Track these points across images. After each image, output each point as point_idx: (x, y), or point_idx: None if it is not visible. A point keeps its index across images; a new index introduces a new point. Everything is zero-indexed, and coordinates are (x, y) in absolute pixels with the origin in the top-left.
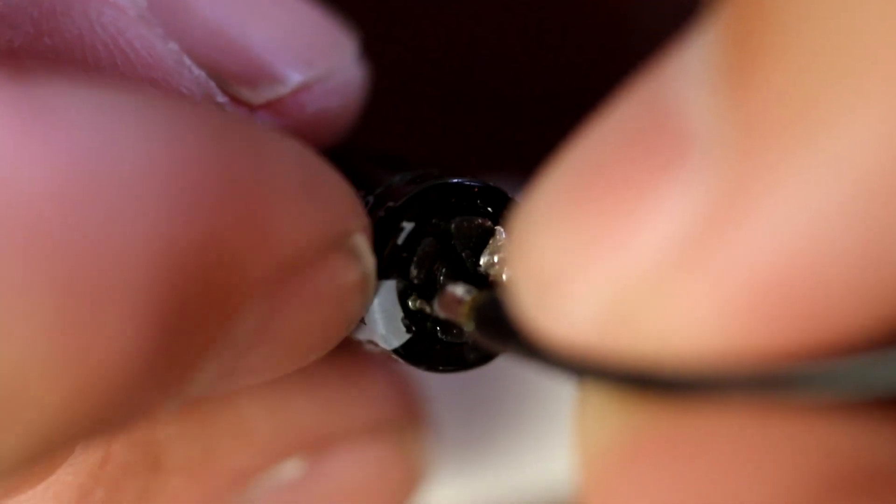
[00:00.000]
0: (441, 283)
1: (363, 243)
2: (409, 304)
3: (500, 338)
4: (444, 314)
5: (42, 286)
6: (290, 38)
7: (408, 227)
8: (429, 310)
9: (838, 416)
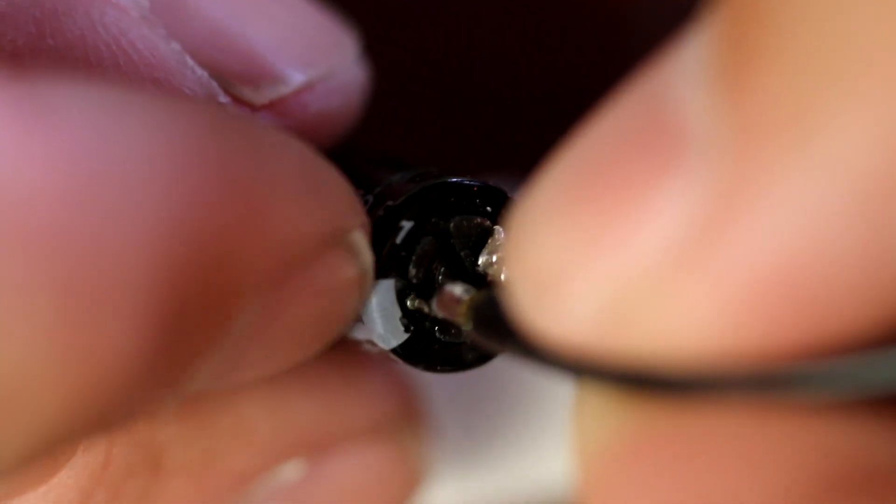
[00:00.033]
0: (440, 283)
1: (361, 240)
2: (407, 304)
3: (499, 337)
4: (442, 314)
5: (43, 286)
6: (292, 39)
7: (407, 226)
8: (427, 309)
9: (837, 415)
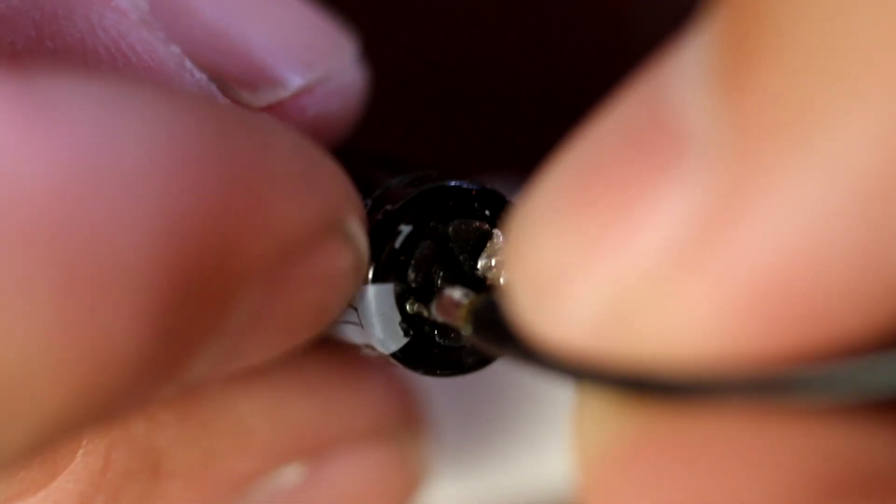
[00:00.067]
0: (439, 287)
1: (357, 226)
2: (406, 308)
3: (498, 341)
4: (441, 318)
5: (44, 282)
6: (291, 42)
7: (405, 230)
8: (426, 313)
9: (837, 419)
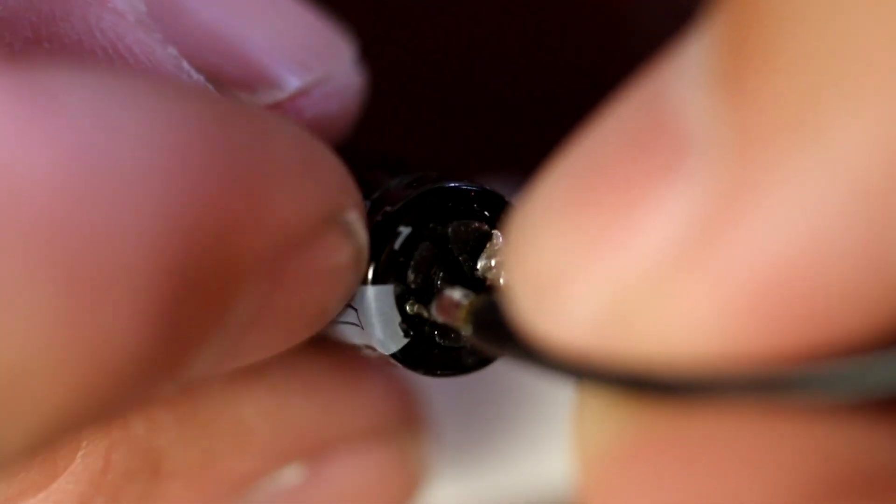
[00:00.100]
0: (438, 288)
1: (356, 219)
2: (406, 309)
3: (498, 341)
4: (441, 318)
5: (44, 281)
6: (289, 43)
7: (405, 231)
8: (426, 314)
9: (837, 418)
